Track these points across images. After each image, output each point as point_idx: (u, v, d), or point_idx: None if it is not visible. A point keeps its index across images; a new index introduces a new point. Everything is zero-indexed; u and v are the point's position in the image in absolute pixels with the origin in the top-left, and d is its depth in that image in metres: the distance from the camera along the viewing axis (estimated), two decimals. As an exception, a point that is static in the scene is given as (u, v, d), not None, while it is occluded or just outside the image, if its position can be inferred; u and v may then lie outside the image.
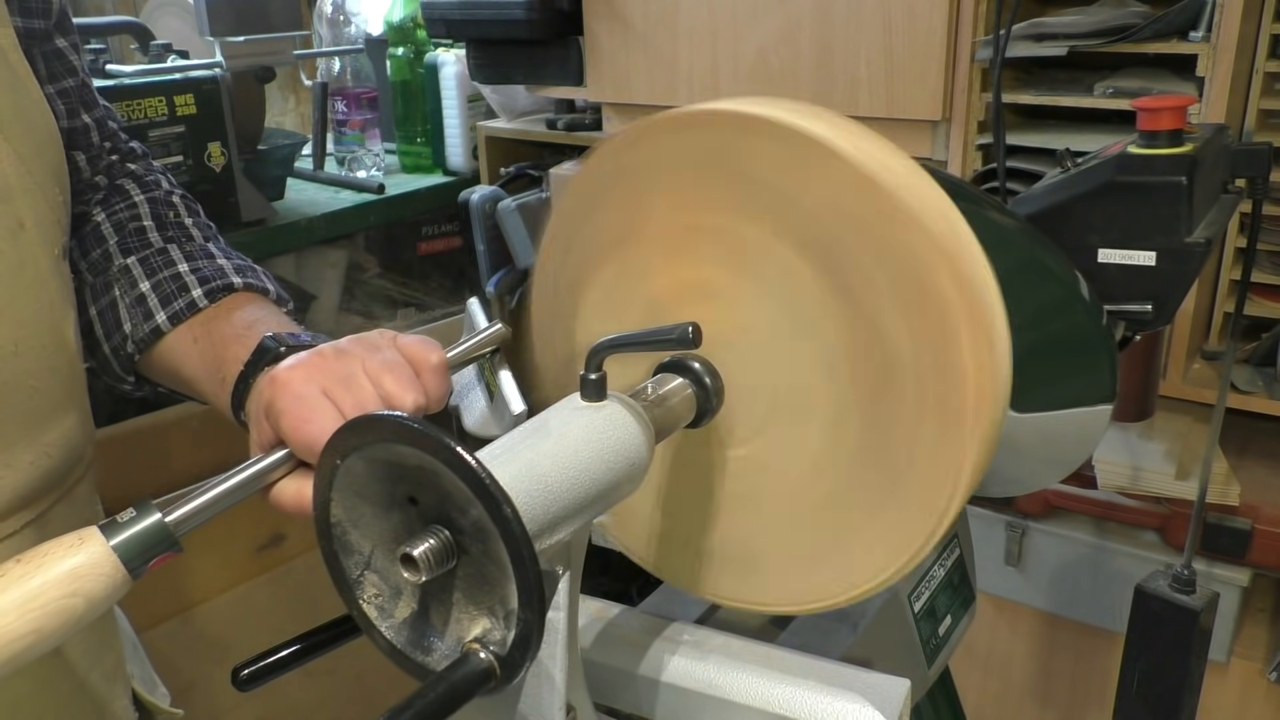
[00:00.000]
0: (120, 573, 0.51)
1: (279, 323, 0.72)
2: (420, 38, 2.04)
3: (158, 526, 0.52)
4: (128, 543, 0.51)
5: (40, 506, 0.62)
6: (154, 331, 0.74)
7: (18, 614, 0.48)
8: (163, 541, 0.52)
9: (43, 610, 0.48)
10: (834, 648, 0.72)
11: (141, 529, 0.52)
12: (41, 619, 0.48)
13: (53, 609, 0.49)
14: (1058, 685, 1.56)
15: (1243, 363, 1.37)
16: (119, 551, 0.51)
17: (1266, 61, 1.26)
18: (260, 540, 1.56)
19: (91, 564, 0.50)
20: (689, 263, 0.59)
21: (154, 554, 0.52)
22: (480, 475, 0.44)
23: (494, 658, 0.47)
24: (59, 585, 0.49)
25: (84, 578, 0.50)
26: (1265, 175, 0.90)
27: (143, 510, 0.52)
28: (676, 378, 0.58)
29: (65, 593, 0.49)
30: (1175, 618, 0.94)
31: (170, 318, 0.74)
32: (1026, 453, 0.76)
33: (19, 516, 0.60)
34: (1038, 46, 1.31)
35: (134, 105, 1.53)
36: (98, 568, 0.50)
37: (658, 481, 0.64)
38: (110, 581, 0.50)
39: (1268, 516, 1.33)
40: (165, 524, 0.52)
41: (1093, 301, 0.75)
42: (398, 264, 2.04)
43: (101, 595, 0.50)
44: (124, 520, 0.52)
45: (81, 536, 0.51)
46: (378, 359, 0.61)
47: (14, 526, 0.61)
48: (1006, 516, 1.51)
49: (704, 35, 1.54)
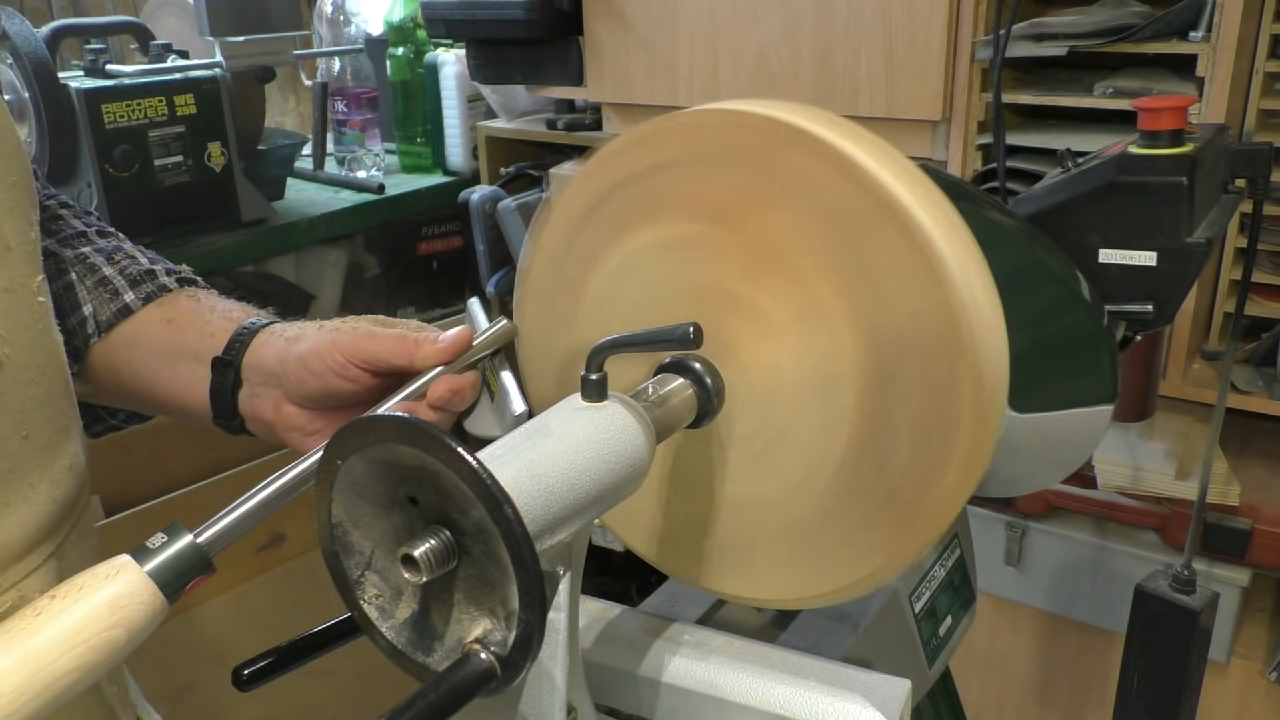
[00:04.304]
0: (159, 599, 0.50)
1: (258, 315, 0.73)
2: (420, 38, 2.04)
3: (191, 549, 0.51)
4: (162, 568, 0.50)
5: (57, 539, 0.59)
6: (121, 310, 0.72)
7: (60, 651, 0.47)
8: (198, 564, 0.52)
9: (86, 645, 0.47)
10: (834, 648, 0.72)
11: (175, 553, 0.51)
12: (85, 654, 0.47)
13: (95, 643, 0.48)
14: (1058, 685, 1.56)
15: (1243, 363, 1.37)
16: (155, 577, 0.50)
17: (1266, 61, 1.26)
18: (260, 540, 1.56)
19: (131, 593, 0.49)
20: (751, 277, 0.57)
21: (190, 577, 0.51)
22: (481, 476, 0.44)
23: (495, 658, 0.47)
24: (100, 618, 0.48)
25: (124, 608, 0.48)
26: (1265, 175, 0.90)
27: (174, 534, 0.52)
28: (677, 378, 0.58)
29: (106, 625, 0.48)
30: (1175, 618, 0.94)
31: (141, 297, 0.72)
32: (1026, 453, 0.76)
33: (40, 550, 0.57)
34: (1038, 46, 1.31)
35: (134, 105, 1.53)
36: (137, 596, 0.49)
37: (658, 480, 0.64)
38: (149, 609, 0.49)
39: (1268, 516, 1.33)
40: (199, 546, 0.52)
41: (1093, 302, 0.75)
42: (398, 264, 2.04)
43: (142, 624, 0.49)
44: (156, 546, 0.51)
45: (116, 566, 0.50)
46: None
47: (37, 561, 0.58)
48: (1006, 516, 1.51)
49: (704, 35, 1.54)
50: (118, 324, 0.72)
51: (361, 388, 0.65)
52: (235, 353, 0.68)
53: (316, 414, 0.67)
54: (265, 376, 0.68)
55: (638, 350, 0.54)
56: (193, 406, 0.71)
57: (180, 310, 0.72)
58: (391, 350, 0.64)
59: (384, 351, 0.64)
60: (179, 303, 0.73)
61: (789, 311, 0.56)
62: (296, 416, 0.67)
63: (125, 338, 0.72)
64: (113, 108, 1.51)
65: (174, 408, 0.72)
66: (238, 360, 0.68)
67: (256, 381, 0.68)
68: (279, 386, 0.67)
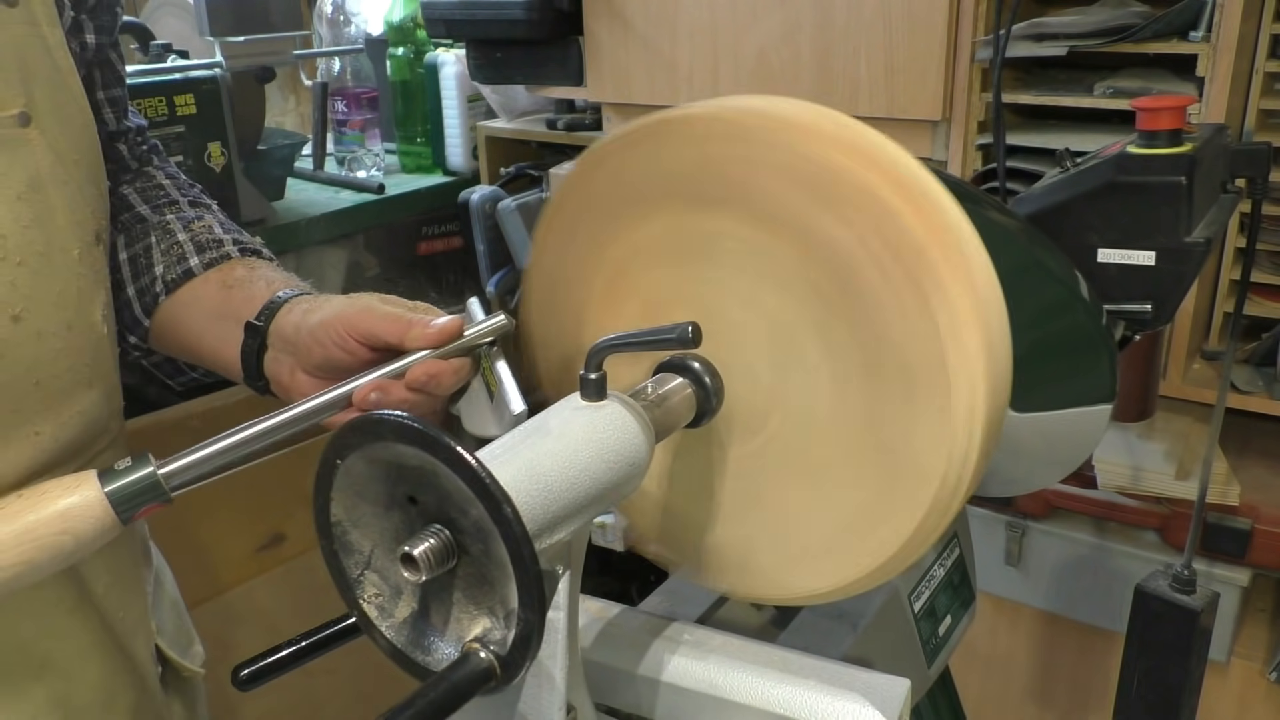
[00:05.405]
0: (110, 516, 0.55)
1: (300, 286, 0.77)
2: (420, 38, 2.04)
3: (149, 477, 0.56)
4: (121, 490, 0.55)
5: (60, 473, 0.64)
6: (185, 273, 0.78)
7: (10, 545, 0.53)
8: (152, 490, 0.56)
9: (35, 544, 0.54)
10: (834, 648, 0.72)
11: (135, 478, 0.56)
12: (32, 552, 0.53)
13: (44, 543, 0.54)
14: (1058, 685, 1.56)
15: (1243, 363, 1.37)
16: (111, 497, 0.55)
17: (1266, 61, 1.26)
18: (260, 540, 1.56)
19: (84, 505, 0.54)
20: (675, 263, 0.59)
21: (143, 501, 0.56)
22: (481, 475, 0.44)
23: (494, 657, 0.47)
24: (51, 523, 0.54)
25: (75, 518, 0.54)
26: (1265, 175, 0.90)
27: (139, 461, 0.56)
28: (676, 377, 0.58)
29: (56, 530, 0.54)
30: (1175, 618, 0.94)
31: (205, 263, 0.79)
32: (1026, 453, 0.76)
33: (43, 480, 0.63)
34: (1038, 46, 1.31)
35: (134, 105, 1.53)
36: (89, 510, 0.55)
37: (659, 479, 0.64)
38: (99, 524, 0.55)
39: (1268, 516, 1.33)
40: (157, 475, 0.56)
41: (1093, 301, 0.75)
42: (398, 264, 2.04)
43: (90, 535, 0.55)
44: (120, 469, 0.56)
45: (79, 479, 0.55)
46: None
47: None
48: (1006, 516, 1.51)
49: (704, 35, 1.54)
50: (181, 285, 0.79)
51: (357, 360, 0.67)
52: (265, 319, 0.73)
53: (323, 383, 0.70)
54: (284, 343, 0.72)
55: (636, 349, 0.54)
56: (232, 365, 0.75)
57: (235, 277, 0.78)
58: (386, 328, 0.66)
59: (379, 328, 0.66)
60: (235, 270, 0.79)
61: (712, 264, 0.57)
62: (306, 383, 0.71)
63: (187, 298, 0.79)
64: (132, 106, 1.51)
65: (217, 364, 0.78)
66: (265, 326, 0.72)
67: (278, 347, 0.72)
68: (293, 354, 0.71)
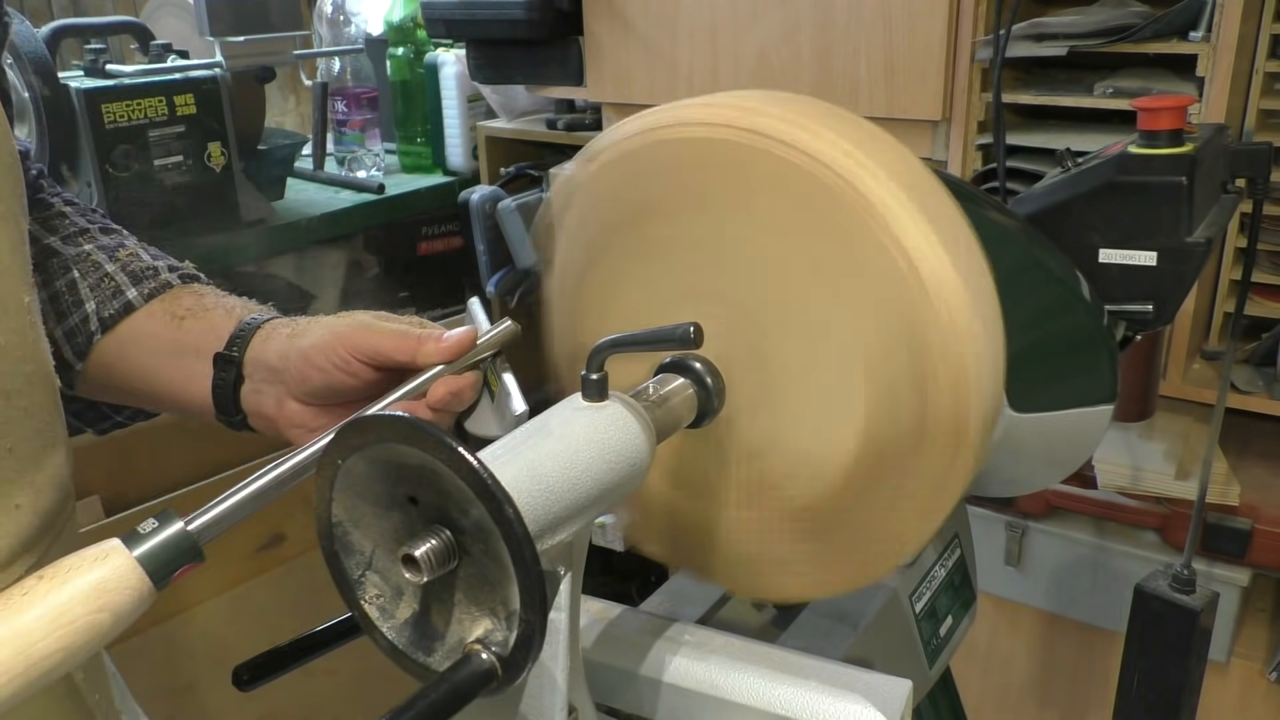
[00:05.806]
0: (146, 585, 0.49)
1: (260, 310, 0.73)
2: (420, 38, 2.04)
3: (180, 536, 0.51)
4: (151, 553, 0.50)
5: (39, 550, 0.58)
6: (124, 307, 0.72)
7: (45, 632, 0.47)
8: (187, 551, 0.51)
9: (71, 627, 0.47)
10: (835, 648, 0.72)
11: (164, 539, 0.50)
12: (70, 636, 0.47)
13: (80, 625, 0.47)
14: (1058, 685, 1.56)
15: (1243, 363, 1.37)
16: (144, 563, 0.49)
17: (1266, 61, 1.26)
18: (260, 540, 1.56)
19: (117, 577, 0.48)
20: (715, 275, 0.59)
21: (179, 564, 0.51)
22: (482, 475, 0.44)
23: (496, 658, 0.47)
24: (86, 601, 0.47)
25: (110, 592, 0.48)
26: (1265, 175, 0.90)
27: (165, 520, 0.51)
28: (678, 378, 0.58)
29: (93, 608, 0.48)
30: (1175, 618, 0.94)
31: (145, 295, 0.72)
32: (1026, 453, 0.76)
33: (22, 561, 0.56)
34: (1038, 46, 1.31)
35: (134, 105, 1.53)
36: (123, 580, 0.49)
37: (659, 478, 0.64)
38: (135, 594, 0.49)
39: (1268, 516, 1.33)
40: (189, 533, 0.51)
41: (1093, 301, 0.75)
42: (398, 264, 2.04)
43: (128, 609, 0.49)
44: (146, 531, 0.51)
45: (104, 550, 0.49)
46: None
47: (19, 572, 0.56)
48: (1006, 516, 1.51)
49: (704, 35, 1.54)
50: (120, 320, 0.72)
51: (363, 382, 0.65)
52: (237, 348, 0.69)
53: (319, 410, 0.67)
54: (267, 372, 0.68)
55: (638, 350, 0.54)
56: (195, 402, 0.71)
57: (183, 306, 0.72)
58: (394, 346, 0.64)
59: (387, 346, 0.64)
60: (182, 299, 0.73)
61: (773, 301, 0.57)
62: (299, 413, 0.67)
63: (128, 334, 0.72)
64: (113, 108, 1.51)
65: (177, 404, 0.72)
66: (240, 356, 0.68)
67: (259, 377, 0.68)
68: (281, 382, 0.67)
